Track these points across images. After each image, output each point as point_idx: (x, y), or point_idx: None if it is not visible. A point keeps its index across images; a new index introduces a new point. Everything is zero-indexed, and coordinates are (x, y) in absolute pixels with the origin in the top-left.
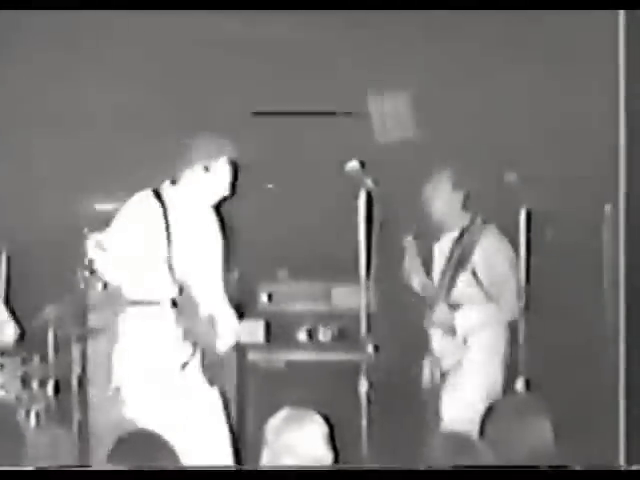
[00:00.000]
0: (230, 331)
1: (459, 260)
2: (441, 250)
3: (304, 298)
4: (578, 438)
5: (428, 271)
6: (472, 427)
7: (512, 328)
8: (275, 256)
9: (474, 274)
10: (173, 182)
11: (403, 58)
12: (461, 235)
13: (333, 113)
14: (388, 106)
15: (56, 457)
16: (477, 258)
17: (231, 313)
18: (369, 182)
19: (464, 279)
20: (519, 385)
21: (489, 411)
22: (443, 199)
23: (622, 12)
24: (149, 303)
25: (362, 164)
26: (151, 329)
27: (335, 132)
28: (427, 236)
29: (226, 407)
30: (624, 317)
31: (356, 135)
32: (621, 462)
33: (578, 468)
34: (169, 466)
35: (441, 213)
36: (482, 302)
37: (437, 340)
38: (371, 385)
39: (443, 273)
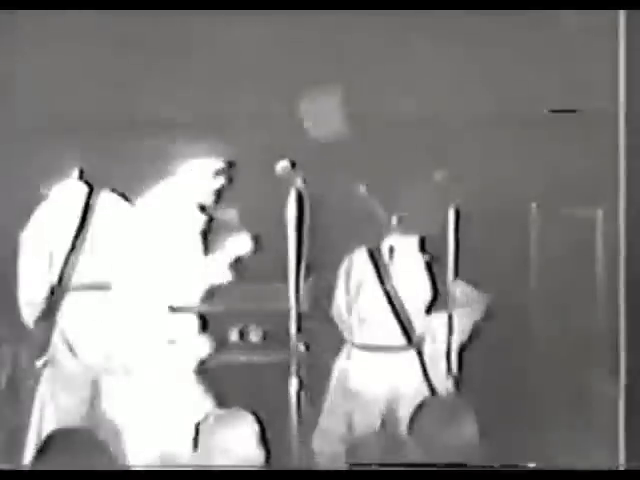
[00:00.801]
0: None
1: None
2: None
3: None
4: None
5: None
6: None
7: None
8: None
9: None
10: None
11: (335, 59)
12: None
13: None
14: (319, 107)
15: None
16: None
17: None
18: (299, 182)
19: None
20: (449, 384)
21: (418, 409)
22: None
23: (622, 12)
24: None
25: (293, 164)
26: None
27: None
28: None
29: None
30: (624, 317)
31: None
32: (621, 462)
33: (578, 468)
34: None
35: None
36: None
37: None
38: (301, 384)
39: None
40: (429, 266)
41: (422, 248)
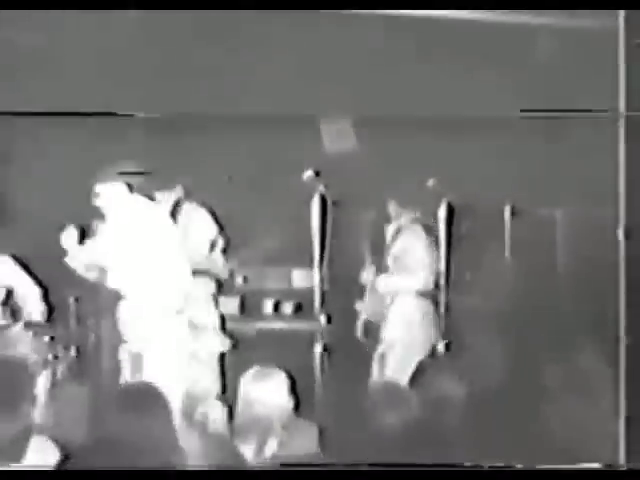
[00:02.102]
0: None
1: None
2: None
3: (271, 279)
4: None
5: None
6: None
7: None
8: (250, 246)
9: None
10: None
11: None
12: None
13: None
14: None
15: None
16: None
17: None
18: (321, 187)
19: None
20: (440, 347)
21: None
22: None
23: (622, 12)
24: None
25: (317, 173)
26: None
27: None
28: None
29: None
30: (624, 318)
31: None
32: (621, 462)
33: (578, 468)
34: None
35: None
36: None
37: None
38: (324, 348)
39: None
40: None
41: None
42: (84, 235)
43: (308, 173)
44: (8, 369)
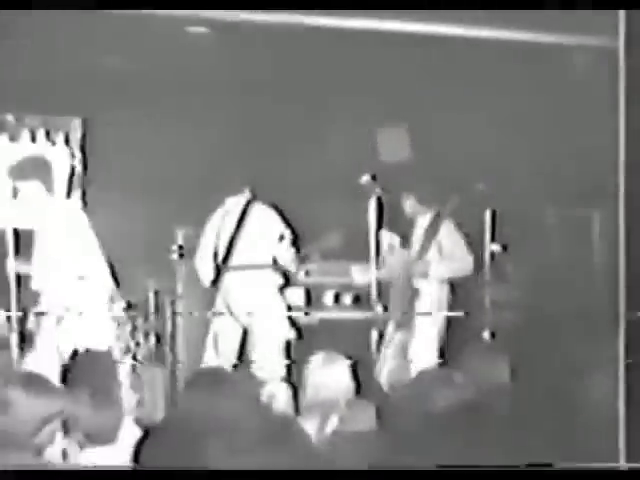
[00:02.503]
0: None
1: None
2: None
3: (332, 273)
4: None
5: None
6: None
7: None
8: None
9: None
10: None
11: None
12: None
13: None
14: (390, 135)
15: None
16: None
17: None
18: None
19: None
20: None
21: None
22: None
23: (622, 12)
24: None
25: (373, 177)
26: None
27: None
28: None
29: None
30: (624, 317)
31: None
32: (621, 462)
33: (578, 468)
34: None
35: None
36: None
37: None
38: (380, 335)
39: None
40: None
41: None
42: None
43: (365, 177)
44: (95, 357)
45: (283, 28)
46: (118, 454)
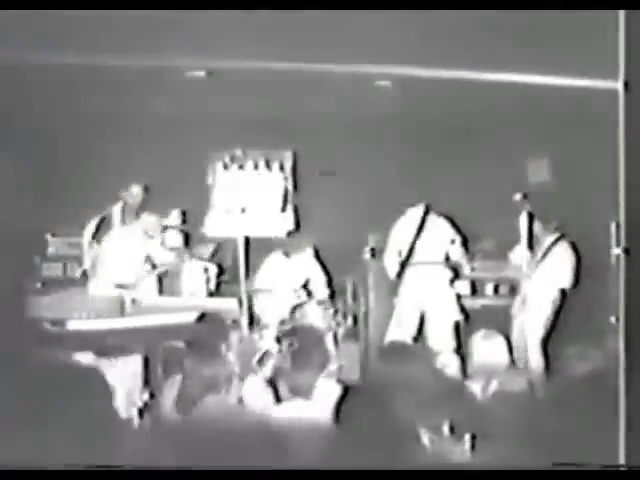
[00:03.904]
0: None
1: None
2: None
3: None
4: None
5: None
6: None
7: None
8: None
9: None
10: None
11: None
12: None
13: None
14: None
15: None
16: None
17: None
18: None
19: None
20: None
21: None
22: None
23: (622, 12)
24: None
25: (524, 196)
26: None
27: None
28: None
29: None
30: (623, 318)
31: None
32: (621, 462)
33: (578, 468)
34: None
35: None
36: None
37: None
38: None
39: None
40: None
41: None
42: None
43: (517, 196)
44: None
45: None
46: (320, 409)
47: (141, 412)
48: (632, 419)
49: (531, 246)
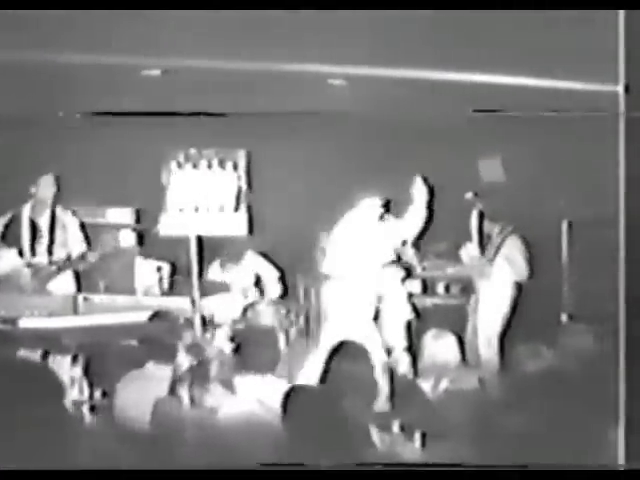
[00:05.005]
0: None
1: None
2: None
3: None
4: None
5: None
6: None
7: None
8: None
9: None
10: None
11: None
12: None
13: None
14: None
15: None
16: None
17: None
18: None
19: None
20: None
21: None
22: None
23: (622, 12)
24: None
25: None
26: None
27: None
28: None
29: None
30: (623, 319)
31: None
32: (621, 462)
33: (578, 468)
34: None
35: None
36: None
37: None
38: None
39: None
40: None
41: None
42: None
43: (469, 195)
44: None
45: None
46: (270, 408)
47: (93, 411)
48: (632, 419)
49: (482, 244)
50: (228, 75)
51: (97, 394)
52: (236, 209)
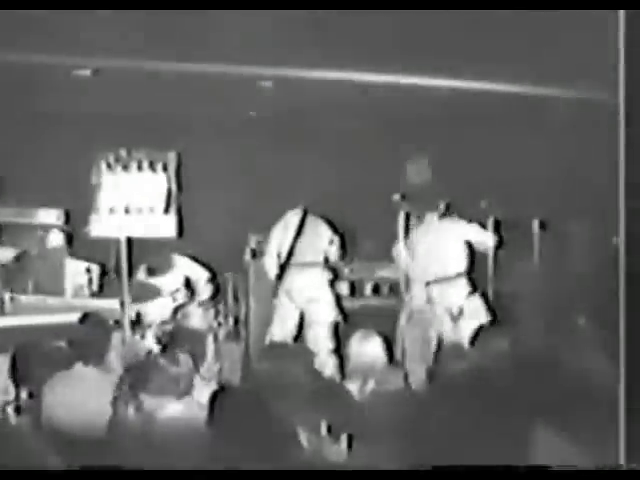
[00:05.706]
0: None
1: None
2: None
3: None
4: None
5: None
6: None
7: None
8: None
9: None
10: None
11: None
12: None
13: None
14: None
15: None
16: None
17: None
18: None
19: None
20: None
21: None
22: None
23: (622, 12)
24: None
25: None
26: None
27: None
28: None
29: None
30: (623, 319)
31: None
32: (621, 462)
33: (578, 468)
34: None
35: None
36: None
37: None
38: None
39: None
40: None
41: None
42: None
43: (396, 196)
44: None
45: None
46: (197, 410)
47: (18, 412)
48: (632, 419)
49: (409, 246)
50: (160, 76)
51: (23, 395)
52: (166, 211)
